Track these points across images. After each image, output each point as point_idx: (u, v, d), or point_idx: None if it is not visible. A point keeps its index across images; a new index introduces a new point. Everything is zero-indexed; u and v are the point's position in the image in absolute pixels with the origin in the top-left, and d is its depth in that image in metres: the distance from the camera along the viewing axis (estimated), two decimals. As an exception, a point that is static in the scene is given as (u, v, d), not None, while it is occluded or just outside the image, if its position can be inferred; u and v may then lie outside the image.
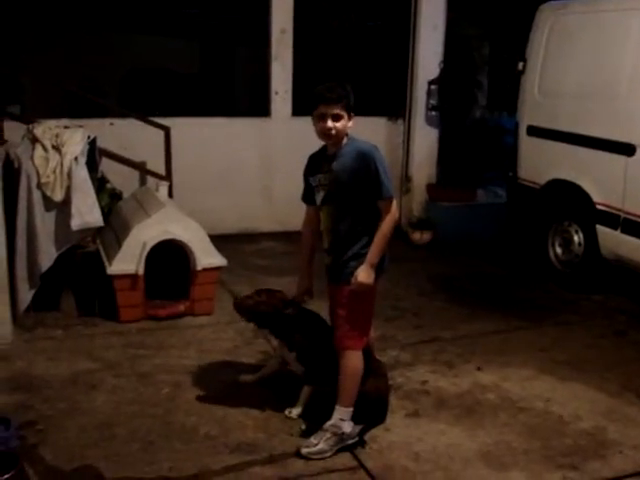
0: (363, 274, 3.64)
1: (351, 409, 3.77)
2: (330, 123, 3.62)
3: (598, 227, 6.11)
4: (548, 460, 3.73)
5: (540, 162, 6.92)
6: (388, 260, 3.84)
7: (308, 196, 3.92)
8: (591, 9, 6.45)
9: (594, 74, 6.27)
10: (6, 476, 3.25)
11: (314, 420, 3.90)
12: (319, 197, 3.81)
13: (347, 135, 3.74)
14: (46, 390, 4.32)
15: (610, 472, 3.66)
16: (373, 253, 3.65)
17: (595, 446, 3.88)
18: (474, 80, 8.24)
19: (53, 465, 3.56)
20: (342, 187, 3.69)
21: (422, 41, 8.10)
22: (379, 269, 3.75)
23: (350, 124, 3.71)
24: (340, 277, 3.74)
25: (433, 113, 8.26)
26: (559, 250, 6.74)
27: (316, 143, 3.89)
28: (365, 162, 3.63)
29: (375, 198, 3.66)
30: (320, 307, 4.27)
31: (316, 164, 3.84)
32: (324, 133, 3.67)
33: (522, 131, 7.10)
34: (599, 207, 6.09)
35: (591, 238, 6.22)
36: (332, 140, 3.70)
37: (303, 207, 4.05)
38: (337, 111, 3.63)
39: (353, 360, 3.76)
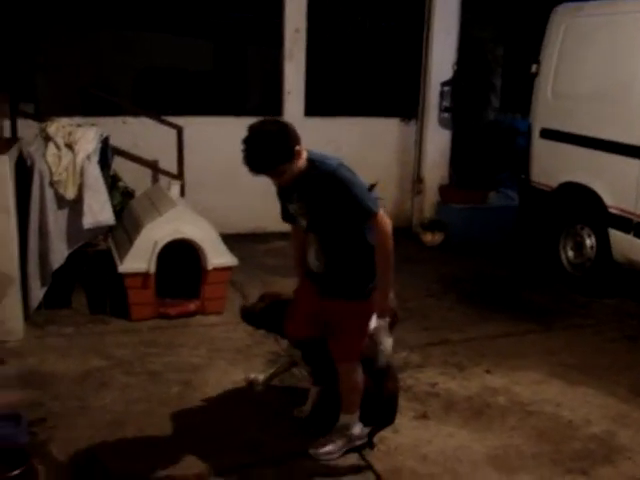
0: (382, 304, 3.48)
1: (357, 413, 3.75)
2: (274, 181, 3.41)
3: (610, 231, 6.08)
4: (557, 464, 3.72)
5: (553, 165, 6.89)
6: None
7: (286, 216, 3.66)
8: (606, 11, 6.42)
9: (608, 77, 6.24)
10: (16, 472, 3.28)
11: (323, 420, 3.89)
12: (303, 223, 3.56)
13: (308, 160, 3.37)
14: (57, 387, 4.34)
15: (619, 478, 3.64)
16: (382, 281, 3.46)
17: (605, 451, 3.87)
18: (488, 82, 8.23)
19: (62, 462, 3.57)
20: (321, 217, 3.45)
21: (436, 42, 8.07)
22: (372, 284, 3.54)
23: (300, 159, 3.32)
24: (336, 292, 3.55)
25: (446, 114, 8.24)
26: (571, 253, 6.72)
27: (328, 144, 3.87)
28: (334, 186, 3.33)
29: (361, 220, 3.40)
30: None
31: (285, 191, 3.54)
32: None
33: (535, 133, 7.08)
34: (612, 211, 6.06)
35: (603, 242, 6.19)
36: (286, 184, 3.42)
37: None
38: (268, 177, 3.34)
39: (351, 373, 3.67)
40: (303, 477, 3.53)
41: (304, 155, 3.35)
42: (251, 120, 3.28)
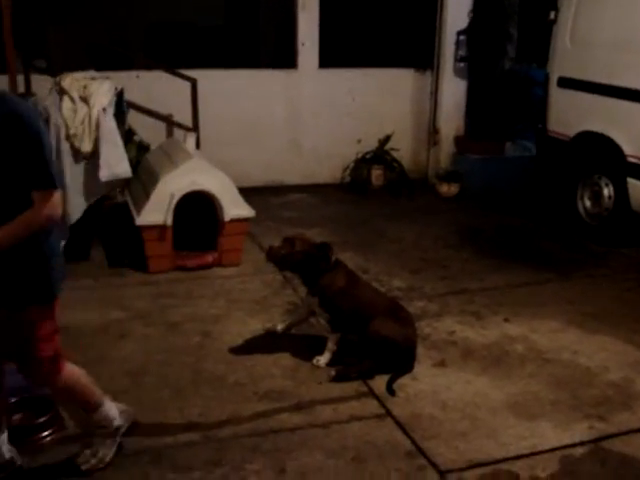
0: None
1: (106, 406, 3.20)
2: None
3: (629, 180, 6.02)
4: (575, 410, 3.74)
5: (570, 114, 6.81)
6: (61, 281, 2.93)
7: None
8: (627, -46, 6.27)
9: (629, 23, 6.11)
10: (42, 419, 3.36)
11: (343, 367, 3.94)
12: None
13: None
14: (77, 338, 4.38)
15: (637, 423, 3.65)
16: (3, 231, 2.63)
17: (622, 397, 3.88)
18: (504, 30, 8.08)
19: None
20: None
21: (451, -10, 7.96)
22: (50, 290, 2.85)
23: None
24: None
25: (462, 64, 8.15)
26: (588, 203, 6.67)
27: (343, 95, 3.80)
28: (20, 132, 2.59)
29: (30, 185, 2.65)
30: (348, 258, 4.28)
31: None
32: None
33: (552, 82, 6.98)
34: (630, 160, 5.99)
35: (621, 191, 6.14)
36: None
37: (330, 159, 3.99)
38: None
39: (60, 384, 3.03)
40: (324, 424, 3.57)
41: None
42: (265, 73, 3.21)
